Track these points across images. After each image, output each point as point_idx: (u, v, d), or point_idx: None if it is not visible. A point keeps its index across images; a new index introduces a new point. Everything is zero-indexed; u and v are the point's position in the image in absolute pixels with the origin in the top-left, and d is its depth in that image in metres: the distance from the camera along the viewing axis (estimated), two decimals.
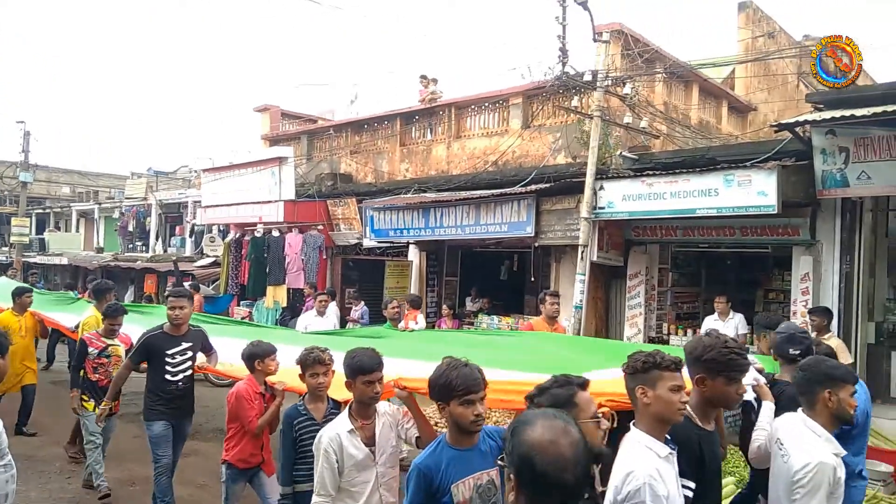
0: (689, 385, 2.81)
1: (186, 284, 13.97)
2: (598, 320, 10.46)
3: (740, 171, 8.15)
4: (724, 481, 4.95)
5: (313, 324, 8.87)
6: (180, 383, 5.49)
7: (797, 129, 7.87)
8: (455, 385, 2.70)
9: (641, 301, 10.18)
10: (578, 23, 12.94)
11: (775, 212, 7.94)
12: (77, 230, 30.27)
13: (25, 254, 27.11)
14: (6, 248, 29.61)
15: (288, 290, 14.27)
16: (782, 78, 14.36)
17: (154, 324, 5.88)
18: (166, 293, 5.74)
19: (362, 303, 12.46)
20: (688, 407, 2.80)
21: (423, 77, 14.26)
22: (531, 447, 1.63)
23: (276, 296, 14.22)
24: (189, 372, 5.56)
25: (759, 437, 3.39)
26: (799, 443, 2.95)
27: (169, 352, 5.44)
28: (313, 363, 3.96)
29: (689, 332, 9.90)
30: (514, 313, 12.09)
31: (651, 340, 9.96)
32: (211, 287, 16.15)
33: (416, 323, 9.17)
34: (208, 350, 5.74)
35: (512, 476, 1.68)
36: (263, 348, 4.72)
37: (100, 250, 26.66)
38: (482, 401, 2.74)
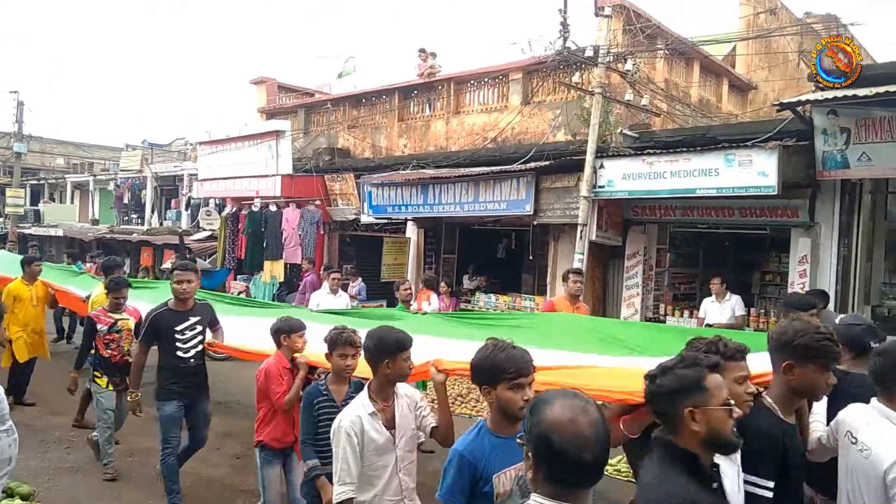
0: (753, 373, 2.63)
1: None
2: (596, 300, 10.47)
3: (741, 150, 8.11)
4: None
5: (325, 302, 8.63)
6: (192, 360, 5.32)
7: (799, 108, 7.83)
8: (505, 367, 2.51)
9: (639, 281, 10.20)
10: None
11: (775, 192, 7.92)
12: (72, 202, 30.11)
13: (21, 225, 26.98)
14: (1, 220, 29.46)
15: (285, 265, 14.24)
16: (783, 56, 14.26)
17: (161, 299, 5.77)
18: (171, 266, 5.62)
19: (359, 279, 12.44)
20: (768, 398, 2.65)
21: (422, 51, 14.11)
22: (550, 426, 1.65)
23: (273, 271, 14.20)
24: (200, 348, 5.39)
25: (816, 428, 3.09)
26: (879, 435, 2.63)
27: (178, 328, 5.27)
28: (344, 343, 3.81)
29: (686, 312, 9.93)
30: (511, 292, 12.11)
31: (648, 321, 9.99)
32: (207, 261, 16.11)
33: (429, 304, 8.85)
34: (214, 325, 5.58)
35: (531, 454, 1.70)
36: (291, 324, 4.62)
37: (95, 222, 26.56)
38: (531, 385, 2.56)
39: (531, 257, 11.76)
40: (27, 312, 8.12)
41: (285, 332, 4.58)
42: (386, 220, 13.27)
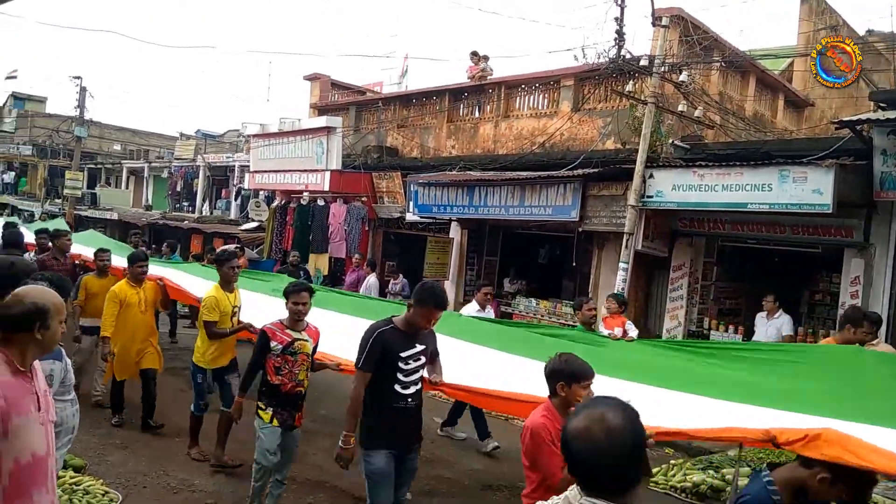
0: None
1: (232, 246, 14.27)
2: (639, 311, 10.40)
3: (796, 167, 7.96)
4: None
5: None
6: (410, 399, 4.12)
7: (858, 127, 7.67)
8: None
9: (683, 294, 10.08)
10: (636, 6, 12.73)
11: (830, 211, 7.76)
12: (127, 187, 31.07)
13: (78, 207, 27.94)
14: (59, 201, 30.51)
15: (330, 258, 14.51)
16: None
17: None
18: (415, 298, 4.09)
19: (401, 276, 12.58)
20: None
21: (475, 54, 14.19)
22: (569, 433, 1.73)
23: (317, 264, 14.48)
24: (420, 384, 4.21)
25: None
26: None
27: (402, 355, 4.04)
28: None
29: (731, 328, 9.76)
30: (551, 297, 12.09)
31: (691, 335, 9.88)
32: (255, 251, 16.48)
33: (629, 331, 7.37)
34: (435, 356, 4.40)
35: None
36: (575, 368, 3.24)
37: (148, 208, 27.39)
38: None
39: (574, 264, 11.73)
40: (136, 320, 6.86)
41: (563, 380, 3.24)
42: (430, 220, 13.38)
